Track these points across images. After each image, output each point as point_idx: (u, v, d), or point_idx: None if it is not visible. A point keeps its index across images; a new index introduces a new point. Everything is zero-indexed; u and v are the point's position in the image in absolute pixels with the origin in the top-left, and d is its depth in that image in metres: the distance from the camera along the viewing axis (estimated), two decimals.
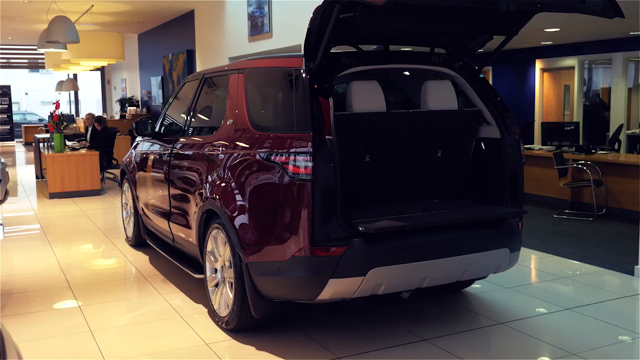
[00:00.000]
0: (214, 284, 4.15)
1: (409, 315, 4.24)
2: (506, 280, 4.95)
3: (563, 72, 13.35)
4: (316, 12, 3.33)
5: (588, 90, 13.06)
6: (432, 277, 3.66)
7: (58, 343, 3.89)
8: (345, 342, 3.80)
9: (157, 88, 17.85)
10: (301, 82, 3.53)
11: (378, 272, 3.42)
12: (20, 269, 5.67)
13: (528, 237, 6.40)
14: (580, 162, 8.01)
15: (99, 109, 26.65)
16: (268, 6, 10.86)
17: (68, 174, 9.61)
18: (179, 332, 4.02)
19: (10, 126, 23.58)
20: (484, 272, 4.03)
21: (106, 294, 4.82)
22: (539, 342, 3.84)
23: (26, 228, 7.64)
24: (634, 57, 11.66)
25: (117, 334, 4.04)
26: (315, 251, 3.36)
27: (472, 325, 4.07)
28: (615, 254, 5.88)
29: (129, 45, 20.06)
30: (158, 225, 5.31)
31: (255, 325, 3.91)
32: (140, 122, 5.52)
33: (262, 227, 3.59)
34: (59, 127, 9.88)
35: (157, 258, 5.84)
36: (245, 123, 3.95)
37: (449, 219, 3.74)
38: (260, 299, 3.68)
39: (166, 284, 5.03)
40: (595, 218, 7.58)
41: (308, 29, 3.43)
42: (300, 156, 3.37)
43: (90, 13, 13.54)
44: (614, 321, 4.13)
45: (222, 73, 4.54)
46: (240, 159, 3.82)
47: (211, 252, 4.13)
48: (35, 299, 4.79)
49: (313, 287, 3.43)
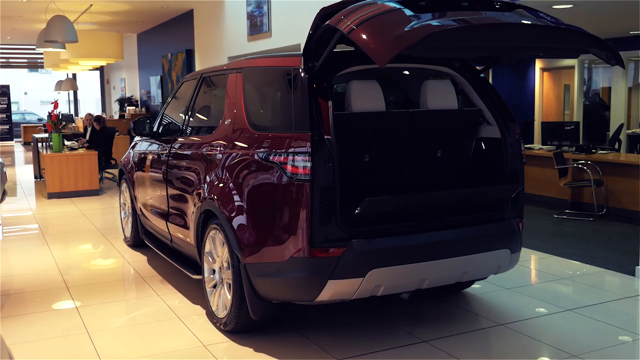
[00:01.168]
0: (212, 285, 4.12)
1: (409, 317, 4.21)
2: (506, 280, 4.92)
3: (563, 72, 13.32)
4: (315, 26, 3.35)
5: (588, 90, 13.03)
6: (432, 278, 3.63)
7: (55, 345, 3.86)
8: (344, 343, 3.77)
9: (156, 88, 17.82)
10: (300, 81, 3.50)
11: (377, 273, 3.39)
12: (18, 269, 5.63)
13: (528, 237, 6.38)
14: (580, 161, 7.98)
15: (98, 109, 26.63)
16: (267, 6, 10.83)
17: (66, 174, 9.58)
18: (177, 333, 3.99)
19: (10, 126, 23.54)
20: (484, 273, 3.99)
21: (104, 295, 4.79)
22: (539, 344, 3.81)
23: (24, 228, 7.61)
24: (634, 57, 11.64)
25: (114, 335, 4.01)
26: (314, 252, 3.33)
27: (472, 326, 4.04)
28: (616, 254, 5.85)
29: (128, 44, 20.04)
30: (156, 225, 5.28)
31: (254, 327, 3.88)
32: (138, 121, 5.50)
33: (260, 227, 3.56)
34: (58, 127, 9.85)
35: (155, 258, 5.81)
36: (243, 123, 3.92)
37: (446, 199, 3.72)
38: (259, 300, 3.65)
39: (164, 285, 5.00)
40: (595, 218, 7.56)
41: (309, 34, 3.43)
42: (299, 156, 3.34)
43: (89, 12, 13.51)
44: (615, 322, 4.10)
45: (220, 72, 4.50)
46: (238, 159, 3.79)
47: (209, 253, 4.10)
48: (32, 299, 4.76)
49: (312, 289, 3.40)
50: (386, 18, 3.04)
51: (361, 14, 3.08)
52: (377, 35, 2.94)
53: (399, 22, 3.00)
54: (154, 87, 18.09)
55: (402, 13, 3.06)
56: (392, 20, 3.02)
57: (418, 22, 2.97)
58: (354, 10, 3.15)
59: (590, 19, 8.32)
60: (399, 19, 3.02)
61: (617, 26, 9.39)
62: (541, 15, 3.39)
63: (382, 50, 2.87)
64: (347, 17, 3.11)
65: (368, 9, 3.12)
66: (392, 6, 3.12)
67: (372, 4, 3.17)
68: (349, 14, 3.14)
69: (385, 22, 3.02)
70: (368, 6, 3.15)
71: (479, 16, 3.20)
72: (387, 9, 3.10)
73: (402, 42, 2.85)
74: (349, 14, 3.13)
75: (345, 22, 3.10)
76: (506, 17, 3.26)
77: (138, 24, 17.02)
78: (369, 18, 3.04)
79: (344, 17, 3.14)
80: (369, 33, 2.97)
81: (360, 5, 3.19)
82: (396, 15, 3.06)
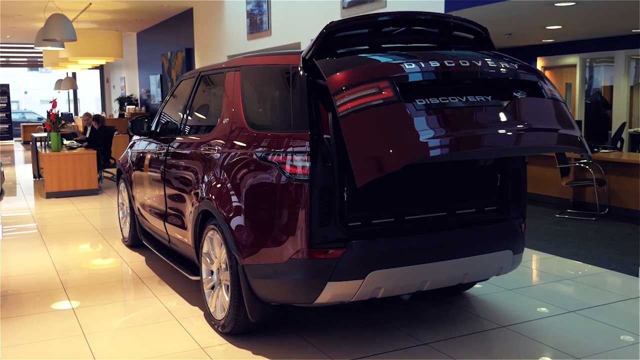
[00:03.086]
0: (210, 287, 4.06)
1: (409, 318, 4.16)
2: (508, 281, 4.86)
3: (565, 70, 13.26)
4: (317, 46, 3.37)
5: (590, 89, 12.97)
6: (433, 280, 3.57)
7: (50, 347, 3.81)
8: (343, 346, 3.72)
9: (156, 87, 17.78)
10: (299, 79, 3.44)
11: (377, 275, 3.33)
12: (16, 270, 5.58)
13: (530, 238, 6.32)
14: (582, 161, 7.92)
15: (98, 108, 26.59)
16: (267, 4, 10.78)
17: (65, 174, 9.53)
18: (174, 335, 3.94)
19: (9, 125, 23.51)
20: (486, 274, 3.93)
21: (101, 296, 4.74)
22: (541, 346, 3.75)
23: (22, 228, 7.56)
24: (635, 55, 11.57)
25: (111, 337, 3.96)
26: (313, 253, 3.27)
27: (473, 328, 3.99)
28: (619, 254, 5.79)
29: (128, 43, 20.00)
30: (154, 225, 5.23)
31: (252, 329, 3.83)
32: (136, 120, 5.44)
33: (258, 228, 3.50)
34: (56, 126, 9.80)
35: (153, 259, 5.76)
36: (241, 122, 3.87)
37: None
38: (257, 302, 3.60)
39: (162, 286, 4.95)
40: (598, 218, 7.50)
41: (311, 44, 3.42)
42: (298, 156, 3.28)
43: (89, 11, 13.47)
44: (618, 324, 4.05)
45: (218, 71, 4.45)
46: (236, 158, 3.73)
47: (207, 254, 4.05)
48: (29, 301, 4.70)
49: (311, 291, 3.35)
50: (381, 119, 2.95)
51: (360, 95, 2.99)
52: (363, 150, 2.92)
53: (392, 128, 2.92)
54: (153, 86, 18.05)
55: (402, 112, 2.95)
56: (385, 126, 2.94)
57: (416, 135, 2.89)
58: (356, 83, 3.04)
59: (592, 17, 8.27)
60: (395, 124, 2.93)
61: (618, 24, 9.33)
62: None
63: (361, 173, 2.90)
64: (347, 91, 3.03)
65: (369, 91, 3.00)
66: (394, 97, 2.97)
67: (377, 74, 3.07)
68: (349, 86, 3.04)
69: (377, 128, 2.95)
70: (370, 84, 3.02)
71: (479, 132, 3.06)
72: (389, 100, 2.96)
73: (384, 168, 2.86)
74: (350, 88, 3.03)
75: (343, 96, 3.02)
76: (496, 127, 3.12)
77: (138, 22, 16.98)
78: (364, 109, 2.95)
79: (345, 87, 3.04)
80: (357, 143, 2.93)
81: (364, 74, 3.09)
82: (394, 116, 2.94)
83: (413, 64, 3.14)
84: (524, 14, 7.75)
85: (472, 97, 3.20)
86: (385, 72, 3.11)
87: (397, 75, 3.07)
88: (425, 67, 3.15)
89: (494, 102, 3.23)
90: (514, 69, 3.38)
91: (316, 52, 3.37)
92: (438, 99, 3.10)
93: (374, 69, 3.17)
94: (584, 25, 9.39)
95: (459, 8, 7.04)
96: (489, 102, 3.22)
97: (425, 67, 3.15)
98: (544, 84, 3.40)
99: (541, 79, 3.42)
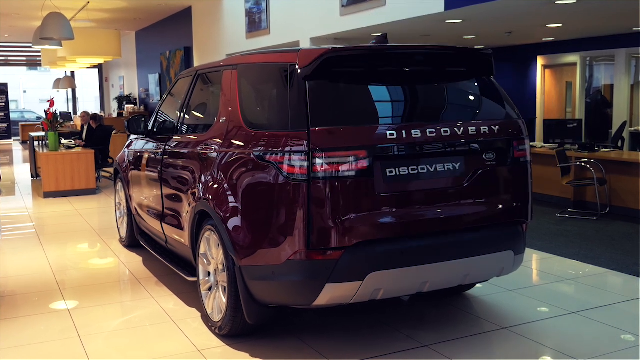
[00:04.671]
0: (207, 288, 4.01)
1: (409, 320, 4.11)
2: (509, 282, 4.82)
3: (565, 69, 13.23)
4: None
5: (590, 87, 12.92)
6: (433, 282, 3.52)
7: (45, 349, 3.76)
8: (342, 348, 3.67)
9: (154, 86, 17.73)
10: (297, 78, 3.39)
11: (376, 277, 3.27)
12: (12, 270, 5.53)
13: (530, 237, 6.27)
14: (583, 160, 7.87)
15: (97, 107, 26.53)
16: (266, 3, 10.73)
17: (63, 173, 9.48)
18: (171, 337, 3.89)
19: (8, 124, 23.46)
20: (487, 275, 3.88)
21: (98, 297, 4.69)
22: (542, 347, 3.71)
23: (20, 227, 7.51)
24: (636, 54, 11.53)
25: (107, 338, 3.91)
26: (311, 255, 3.22)
27: (474, 330, 3.94)
28: (620, 254, 5.75)
29: (126, 42, 19.94)
30: (151, 226, 5.18)
31: (249, 331, 3.78)
32: (133, 120, 5.39)
33: (255, 229, 3.45)
34: (54, 126, 9.74)
35: (150, 259, 5.71)
36: (238, 121, 3.81)
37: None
38: (254, 303, 3.55)
39: (159, 287, 4.90)
40: (598, 217, 7.45)
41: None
42: (296, 155, 3.23)
43: (86, 10, 13.42)
44: (620, 325, 4.00)
45: (216, 69, 4.40)
46: (233, 158, 3.68)
47: (204, 255, 4.00)
48: (25, 302, 4.65)
49: (309, 293, 3.30)
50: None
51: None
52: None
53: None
54: (152, 85, 18.00)
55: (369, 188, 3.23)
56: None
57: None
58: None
59: (592, 15, 8.22)
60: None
61: (619, 22, 9.29)
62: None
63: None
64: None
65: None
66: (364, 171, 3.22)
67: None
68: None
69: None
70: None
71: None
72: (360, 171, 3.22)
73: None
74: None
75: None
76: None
77: (136, 21, 16.93)
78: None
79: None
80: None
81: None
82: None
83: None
84: (524, 12, 7.70)
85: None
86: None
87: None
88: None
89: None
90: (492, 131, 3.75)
91: (312, 72, 3.34)
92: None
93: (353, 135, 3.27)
94: (584, 23, 9.34)
95: (458, 7, 6.99)
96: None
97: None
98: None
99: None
